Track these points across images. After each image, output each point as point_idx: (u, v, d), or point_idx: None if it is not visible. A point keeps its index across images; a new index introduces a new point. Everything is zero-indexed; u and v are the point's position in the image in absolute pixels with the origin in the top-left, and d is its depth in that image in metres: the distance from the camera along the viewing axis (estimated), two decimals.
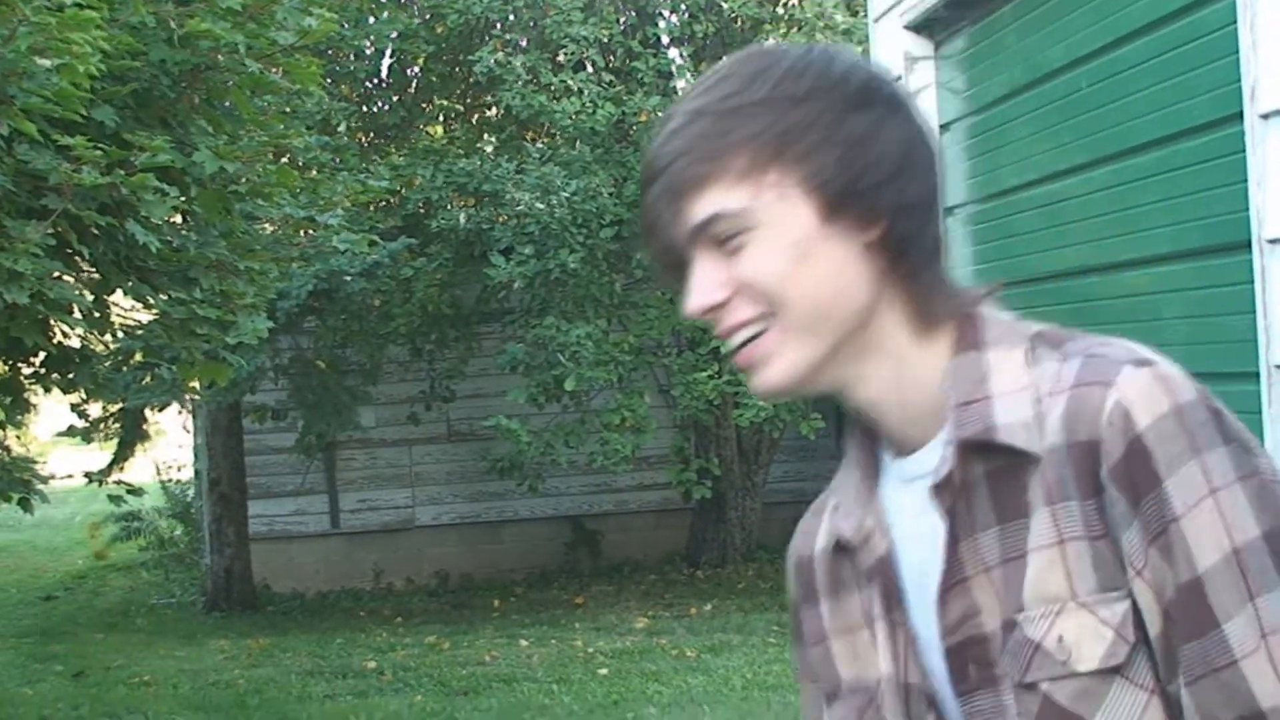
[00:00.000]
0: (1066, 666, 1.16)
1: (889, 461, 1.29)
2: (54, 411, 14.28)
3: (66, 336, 5.63)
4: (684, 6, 11.39)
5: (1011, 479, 1.19)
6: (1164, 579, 1.13)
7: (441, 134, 12.99)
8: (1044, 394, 1.19)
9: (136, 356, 7.39)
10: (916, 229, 1.21)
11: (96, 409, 11.54)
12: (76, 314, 5.07)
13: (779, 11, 11.48)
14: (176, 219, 5.66)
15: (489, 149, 11.91)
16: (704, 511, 12.46)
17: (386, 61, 12.20)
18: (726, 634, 9.71)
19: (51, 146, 4.62)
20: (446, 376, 11.65)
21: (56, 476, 7.42)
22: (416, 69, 12.41)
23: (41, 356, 5.57)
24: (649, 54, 11.09)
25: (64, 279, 5.00)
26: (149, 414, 11.88)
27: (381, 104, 12.54)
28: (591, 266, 10.06)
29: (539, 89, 10.60)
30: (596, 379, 10.01)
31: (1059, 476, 1.16)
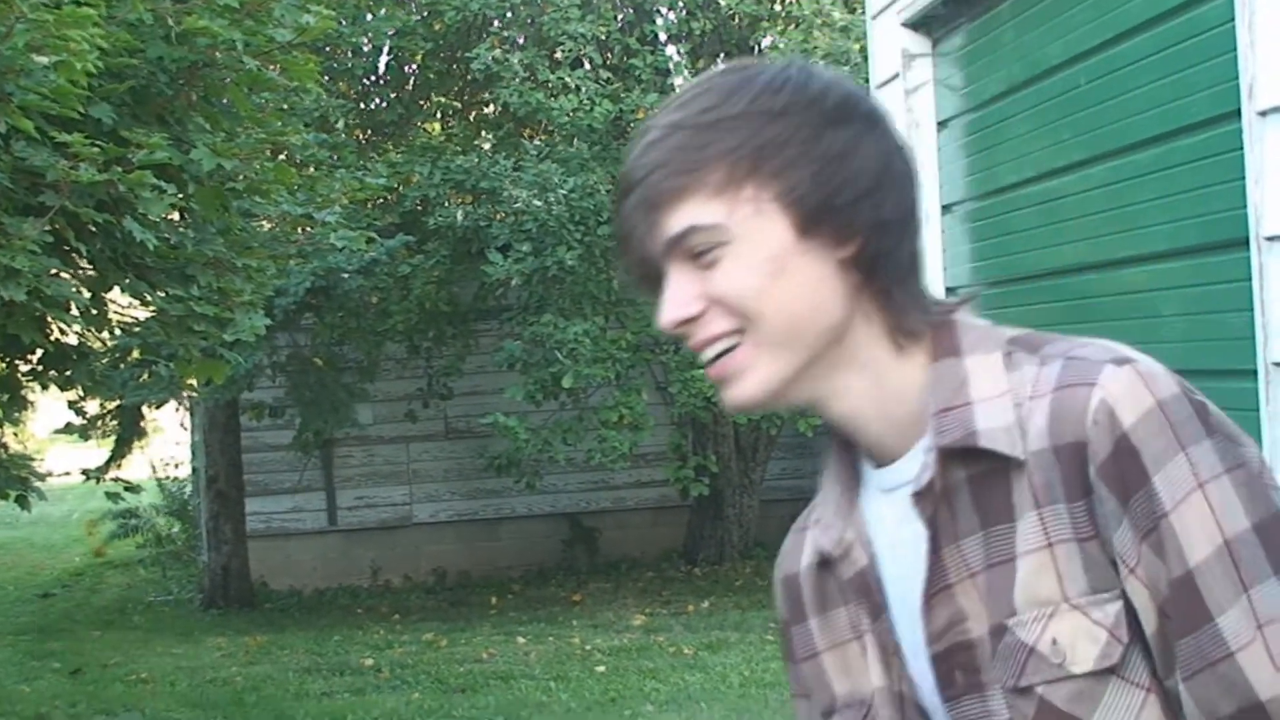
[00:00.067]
0: (1061, 669, 1.16)
1: (869, 472, 1.29)
2: (51, 409, 14.28)
3: (64, 334, 5.63)
4: (681, 4, 11.39)
5: (994, 484, 1.20)
6: (1157, 575, 1.13)
7: (439, 131, 12.98)
8: (1025, 398, 1.19)
9: (134, 354, 7.38)
10: (892, 245, 1.22)
11: (94, 406, 11.54)
12: (74, 311, 5.07)
13: (776, 9, 11.48)
14: (174, 216, 5.66)
15: (486, 146, 11.91)
16: (701, 509, 12.47)
17: (384, 59, 12.20)
18: (724, 631, 9.71)
19: (49, 144, 4.61)
20: (444, 374, 11.65)
21: (54, 474, 7.42)
22: (414, 66, 12.40)
23: (39, 354, 5.57)
24: (646, 51, 11.10)
25: (61, 276, 5.00)
26: (146, 411, 11.88)
27: (379, 101, 12.53)
28: (589, 264, 10.06)
29: (536, 86, 10.60)
30: (594, 376, 10.01)
31: (1045, 480, 1.17)
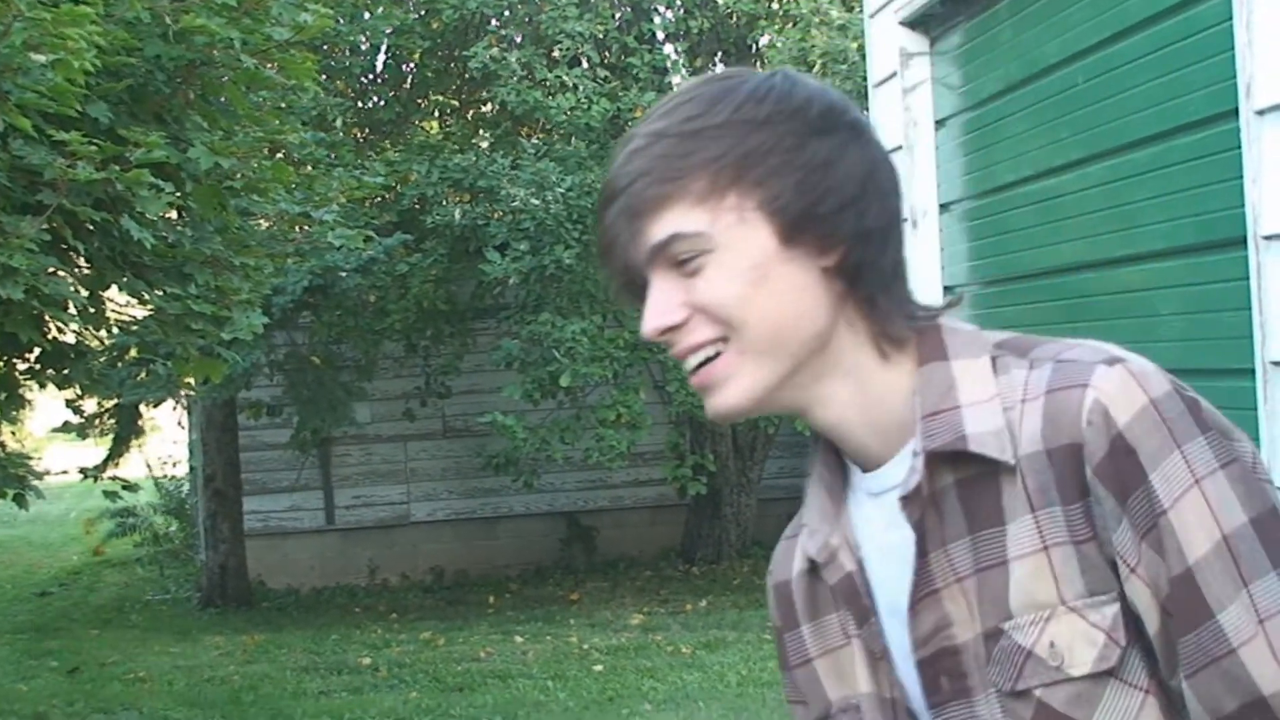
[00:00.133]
0: (1059, 671, 1.16)
1: (857, 475, 1.29)
2: (49, 407, 14.25)
3: (61, 332, 5.62)
4: (679, 2, 11.39)
5: (982, 488, 1.20)
6: (1158, 574, 1.13)
7: (437, 130, 12.98)
8: (1015, 402, 1.19)
9: (131, 352, 7.37)
10: (876, 253, 1.22)
11: (91, 405, 11.50)
12: (71, 310, 5.06)
13: (774, 7, 11.48)
14: (171, 215, 5.65)
15: (484, 145, 11.91)
16: (699, 507, 12.47)
17: (382, 57, 12.20)
18: (722, 630, 9.72)
19: (46, 142, 4.61)
20: (442, 372, 11.65)
21: (52, 472, 7.40)
22: (412, 64, 12.40)
23: (36, 352, 5.56)
24: (644, 50, 11.10)
25: (59, 274, 4.99)
26: (144, 410, 11.87)
27: (377, 99, 12.53)
28: (587, 262, 10.05)
29: (534, 85, 10.60)
30: (592, 375, 10.01)
31: (1039, 483, 1.17)
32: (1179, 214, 3.53)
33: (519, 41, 11.30)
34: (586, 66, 10.97)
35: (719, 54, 11.77)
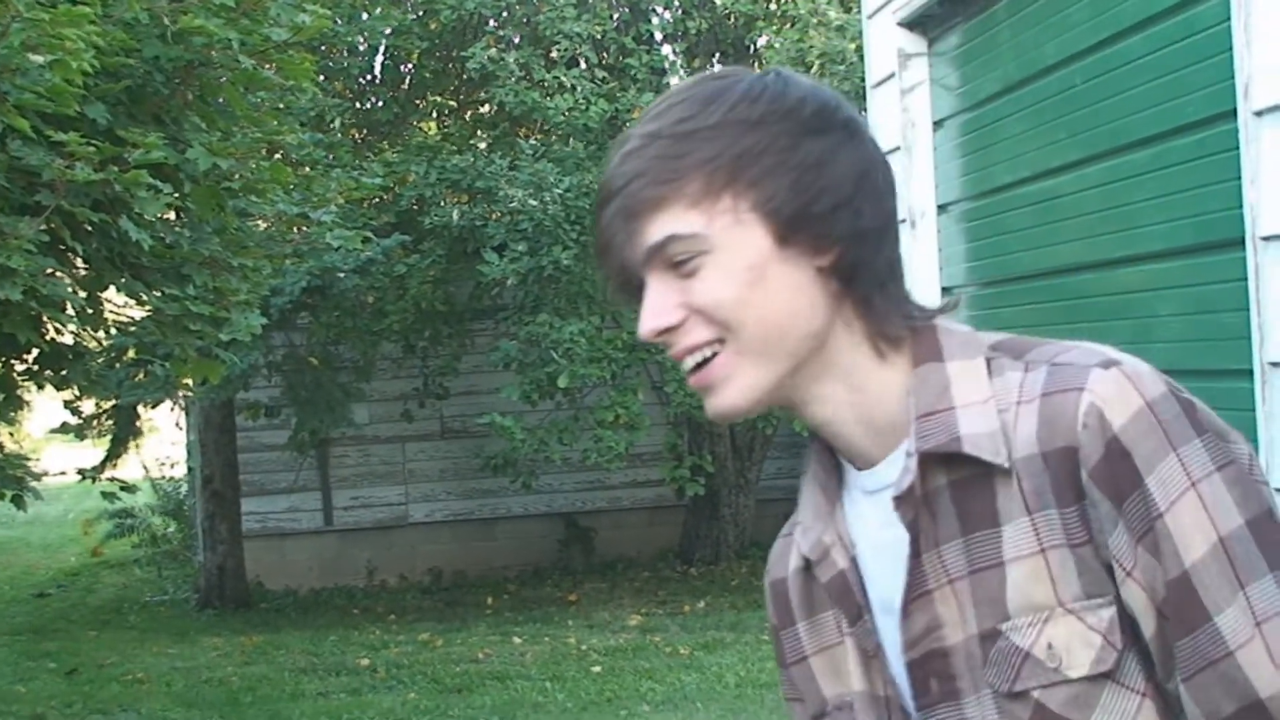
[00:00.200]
0: (1058, 673, 1.17)
1: (852, 474, 1.29)
2: (47, 408, 14.24)
3: (59, 333, 5.61)
4: (677, 3, 11.39)
5: (976, 490, 1.20)
6: (1154, 577, 1.13)
7: (435, 130, 12.98)
8: (1010, 404, 1.19)
9: (130, 353, 7.38)
10: (871, 252, 1.22)
11: (90, 406, 11.51)
12: (69, 311, 5.06)
13: (772, 8, 11.48)
14: (170, 216, 5.65)
15: (482, 145, 11.90)
16: (697, 508, 12.47)
17: (380, 58, 12.19)
18: (720, 631, 9.71)
19: (45, 143, 4.60)
20: (440, 373, 11.64)
21: (50, 473, 7.40)
22: (410, 65, 12.39)
23: (34, 353, 5.56)
24: (642, 50, 11.09)
25: (57, 275, 4.99)
26: (142, 411, 11.86)
27: (375, 100, 12.52)
28: (584, 263, 10.04)
29: (532, 85, 10.59)
30: (590, 376, 10.01)
31: (1035, 486, 1.17)
32: (1177, 215, 3.53)
33: (517, 42, 11.30)
34: (584, 67, 10.97)
35: (717, 55, 11.77)
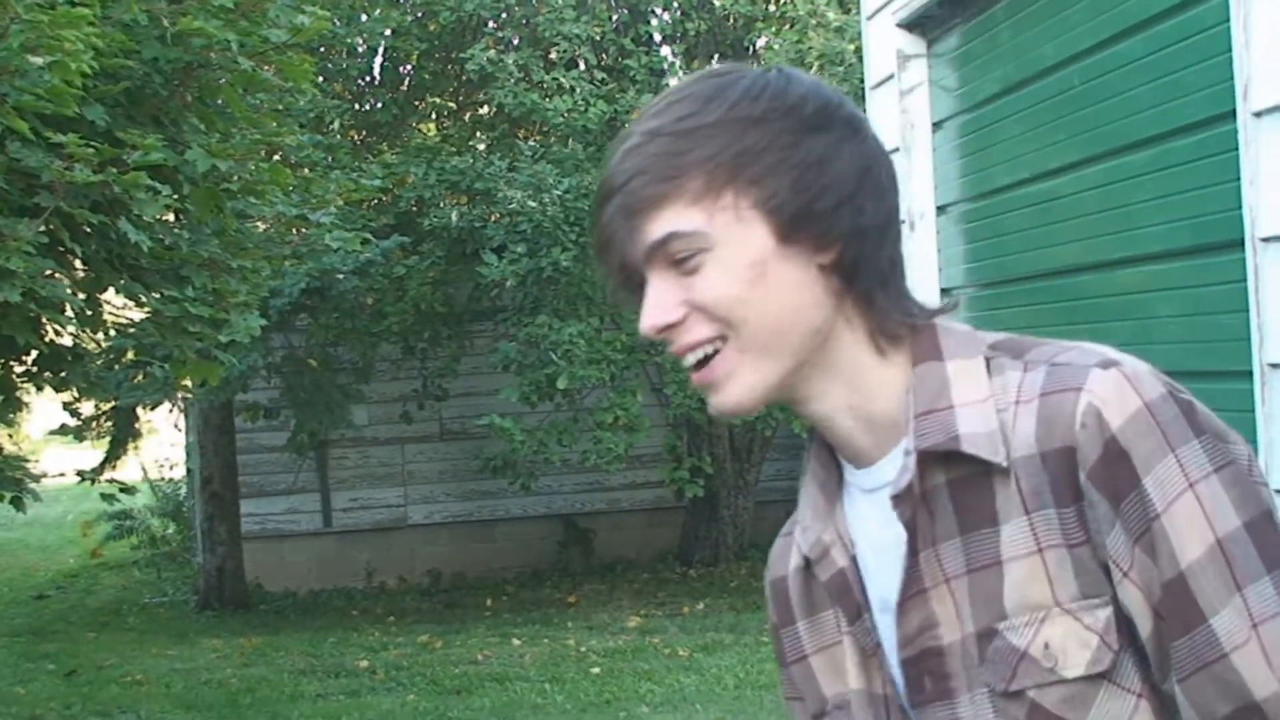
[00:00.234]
0: (1054, 673, 1.16)
1: (851, 472, 1.29)
2: (46, 410, 14.26)
3: (59, 335, 5.61)
4: (676, 4, 11.39)
5: (975, 489, 1.20)
6: (1150, 578, 1.13)
7: (434, 132, 12.98)
8: (1009, 404, 1.19)
9: (129, 355, 7.37)
10: (872, 250, 1.21)
11: (89, 407, 11.51)
12: (68, 312, 5.06)
13: (771, 9, 11.48)
14: (169, 217, 5.65)
15: (481, 147, 11.90)
16: (696, 510, 12.47)
17: (379, 59, 12.18)
18: (719, 633, 9.71)
19: (44, 144, 4.60)
20: (439, 375, 11.64)
21: (49, 475, 7.40)
22: (409, 67, 12.39)
23: (34, 355, 5.56)
24: (641, 52, 11.09)
25: (56, 277, 4.98)
26: (141, 412, 11.86)
27: (374, 102, 12.52)
28: (584, 264, 10.04)
29: (531, 87, 10.59)
30: (589, 377, 10.00)
31: (1033, 486, 1.17)
32: (1177, 216, 3.53)
33: (516, 44, 11.30)
34: (584, 68, 10.97)
35: (716, 56, 11.76)
